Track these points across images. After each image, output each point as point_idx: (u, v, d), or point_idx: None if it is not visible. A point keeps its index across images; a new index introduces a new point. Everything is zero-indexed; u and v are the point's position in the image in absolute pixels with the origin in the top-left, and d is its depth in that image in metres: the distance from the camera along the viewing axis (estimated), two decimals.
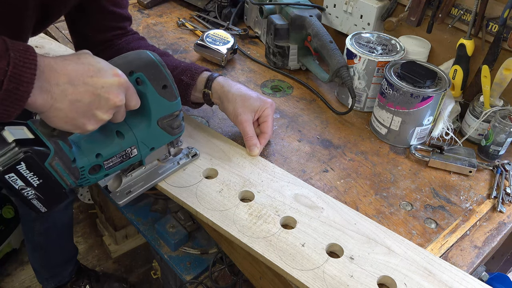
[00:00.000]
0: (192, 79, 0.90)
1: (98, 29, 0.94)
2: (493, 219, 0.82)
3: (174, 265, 1.34)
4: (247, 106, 0.86)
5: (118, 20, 0.95)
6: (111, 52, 0.96)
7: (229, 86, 0.88)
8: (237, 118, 0.87)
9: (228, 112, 0.89)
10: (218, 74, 0.91)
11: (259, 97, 0.88)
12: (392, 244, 0.71)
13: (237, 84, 0.89)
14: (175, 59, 0.96)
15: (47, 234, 1.36)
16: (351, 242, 0.71)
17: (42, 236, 1.36)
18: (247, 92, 0.88)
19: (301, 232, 0.72)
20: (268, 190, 0.79)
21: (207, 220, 0.74)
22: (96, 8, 0.90)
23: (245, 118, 0.86)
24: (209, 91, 0.90)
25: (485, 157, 0.94)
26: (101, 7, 0.91)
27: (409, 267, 0.68)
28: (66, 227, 1.40)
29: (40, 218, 1.31)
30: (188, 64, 0.93)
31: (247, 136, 0.87)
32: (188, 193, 0.79)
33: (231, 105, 0.87)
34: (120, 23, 0.96)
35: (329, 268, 0.67)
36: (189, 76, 0.90)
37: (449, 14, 0.99)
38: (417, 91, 0.87)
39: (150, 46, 0.99)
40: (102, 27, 0.94)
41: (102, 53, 0.96)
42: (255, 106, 0.87)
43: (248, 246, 0.70)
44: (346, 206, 0.77)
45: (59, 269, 1.47)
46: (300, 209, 0.76)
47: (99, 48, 0.96)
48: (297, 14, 1.10)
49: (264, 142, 0.89)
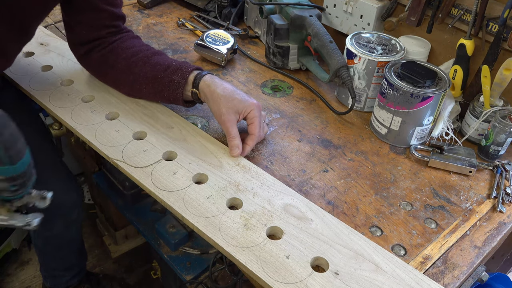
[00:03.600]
0: (182, 78, 0.90)
1: (91, 27, 0.94)
2: (493, 219, 0.82)
3: (174, 265, 1.34)
4: (231, 107, 0.86)
5: (112, 19, 0.96)
6: (104, 51, 0.96)
7: (215, 86, 0.88)
8: (221, 118, 0.86)
9: (213, 111, 0.89)
10: (206, 73, 0.91)
11: (245, 98, 0.87)
12: (380, 261, 0.69)
13: (224, 84, 0.89)
14: (168, 58, 0.96)
15: (46, 242, 1.35)
16: (338, 256, 0.69)
17: (41, 241, 1.36)
18: (232, 92, 0.87)
19: (287, 243, 0.70)
20: (257, 199, 0.78)
21: (192, 226, 0.73)
22: (89, 7, 0.91)
23: (228, 118, 0.86)
24: (196, 90, 0.90)
25: (485, 157, 0.94)
26: (93, 6, 0.91)
27: (396, 286, 0.66)
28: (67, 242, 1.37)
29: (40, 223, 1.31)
30: (180, 63, 0.93)
31: (229, 137, 0.86)
32: (176, 197, 0.77)
33: (215, 105, 0.87)
34: (113, 21, 0.96)
35: (312, 282, 0.65)
36: (180, 75, 0.90)
37: (449, 14, 0.99)
38: (417, 91, 0.87)
39: (144, 45, 0.99)
40: (95, 25, 0.94)
41: (95, 51, 0.97)
42: (239, 107, 0.86)
43: (231, 255, 0.69)
44: (336, 219, 0.75)
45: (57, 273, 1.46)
46: (289, 219, 0.75)
47: (92, 46, 0.96)
48: (297, 14, 1.10)
49: (251, 144, 0.88)
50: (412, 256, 0.73)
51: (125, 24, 1.03)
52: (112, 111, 0.96)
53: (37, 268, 1.75)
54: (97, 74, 1.02)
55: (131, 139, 0.89)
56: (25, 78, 1.04)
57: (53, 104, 0.97)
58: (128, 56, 0.95)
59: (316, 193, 0.83)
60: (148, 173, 0.82)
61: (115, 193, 1.55)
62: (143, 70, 0.93)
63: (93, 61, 0.99)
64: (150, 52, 0.95)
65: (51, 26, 1.30)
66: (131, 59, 0.94)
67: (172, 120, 0.95)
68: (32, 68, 1.08)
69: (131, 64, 0.94)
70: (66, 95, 1.00)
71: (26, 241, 1.82)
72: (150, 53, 0.95)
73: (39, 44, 1.17)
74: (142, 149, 0.87)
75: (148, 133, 0.91)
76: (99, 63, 0.98)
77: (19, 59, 1.10)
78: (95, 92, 1.01)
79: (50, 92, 1.01)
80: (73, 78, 1.05)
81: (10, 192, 0.69)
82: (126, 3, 1.47)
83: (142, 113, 0.96)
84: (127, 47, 0.96)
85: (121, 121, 0.94)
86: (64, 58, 1.12)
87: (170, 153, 0.87)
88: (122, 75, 0.96)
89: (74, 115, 0.95)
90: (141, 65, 0.93)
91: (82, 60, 1.01)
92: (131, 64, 0.94)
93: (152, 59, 0.94)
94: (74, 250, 1.44)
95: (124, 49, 0.95)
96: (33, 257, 1.79)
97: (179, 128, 0.93)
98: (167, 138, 0.90)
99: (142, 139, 0.90)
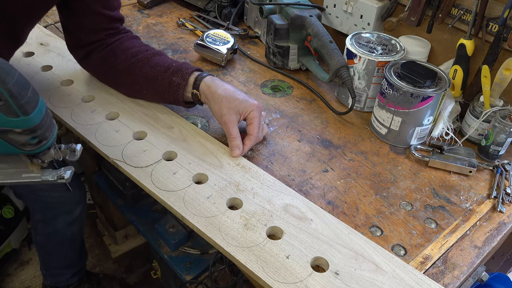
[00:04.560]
0: (183, 79, 0.90)
1: (89, 30, 0.94)
2: (493, 219, 0.82)
3: (174, 265, 1.34)
4: (232, 108, 0.86)
5: (109, 22, 0.96)
6: (104, 52, 0.96)
7: (216, 87, 0.88)
8: (222, 118, 0.87)
9: (214, 112, 0.89)
10: (207, 74, 0.91)
11: (246, 98, 0.88)
12: (380, 261, 0.69)
13: (225, 85, 0.89)
14: (169, 58, 0.96)
15: (47, 239, 1.35)
16: (338, 256, 0.69)
17: (43, 238, 1.36)
18: (233, 93, 0.87)
19: (287, 243, 0.71)
20: (257, 199, 0.78)
21: (192, 226, 0.74)
22: (86, 11, 0.91)
23: (229, 119, 0.86)
24: (197, 91, 0.90)
25: (485, 157, 0.94)
26: (90, 10, 0.91)
27: (396, 286, 0.66)
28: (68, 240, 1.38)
29: (41, 221, 1.31)
30: (180, 64, 0.93)
31: (230, 137, 0.86)
32: (176, 197, 0.77)
33: (216, 105, 0.87)
34: (110, 24, 0.96)
35: (312, 282, 0.65)
36: (180, 76, 0.90)
37: (449, 14, 0.99)
38: (417, 91, 0.87)
39: (144, 45, 0.99)
40: (93, 29, 0.94)
41: (94, 53, 0.97)
42: (240, 107, 0.86)
43: (231, 255, 0.69)
44: (336, 219, 0.75)
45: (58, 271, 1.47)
46: (289, 219, 0.75)
47: (91, 48, 0.96)
48: (297, 14, 1.10)
49: (249, 144, 0.88)
50: (412, 256, 0.73)
51: (125, 24, 1.03)
52: (112, 111, 0.96)
53: (37, 268, 1.75)
54: (97, 75, 1.02)
55: (131, 139, 0.89)
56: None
57: (53, 104, 0.97)
58: (128, 57, 0.95)
59: (316, 193, 0.83)
60: (148, 173, 0.82)
61: (115, 193, 1.55)
62: (143, 71, 0.93)
63: (93, 63, 0.99)
64: (150, 52, 0.95)
65: (51, 26, 1.30)
66: (131, 60, 0.94)
67: (172, 120, 0.95)
68: (32, 68, 1.08)
69: (131, 65, 0.94)
70: (66, 95, 1.00)
71: (26, 241, 1.82)
72: (150, 53, 0.95)
73: (39, 44, 1.17)
74: (142, 149, 0.87)
75: (148, 133, 0.91)
76: (99, 64, 0.98)
77: (19, 59, 1.10)
78: (95, 92, 1.01)
79: (50, 92, 1.01)
80: (73, 78, 1.05)
81: (32, 146, 0.66)
82: (126, 3, 1.47)
83: (142, 113, 0.96)
84: (126, 48, 0.96)
85: (121, 121, 0.94)
86: (64, 58, 1.12)
87: (170, 153, 0.87)
88: (122, 76, 0.96)
89: (74, 115, 0.95)
90: (141, 66, 0.93)
91: (83, 63, 1.01)
92: (130, 65, 0.94)
93: (152, 60, 0.94)
94: (75, 248, 1.45)
95: (124, 50, 0.95)
96: (33, 257, 1.79)
97: (179, 128, 0.93)
98: (167, 138, 0.90)
99: (142, 139, 0.90)
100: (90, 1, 0.90)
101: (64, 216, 1.30)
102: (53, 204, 1.26)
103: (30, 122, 0.63)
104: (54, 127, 0.69)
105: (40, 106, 0.64)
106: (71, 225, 1.34)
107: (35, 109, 0.63)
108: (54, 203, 1.26)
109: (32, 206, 1.32)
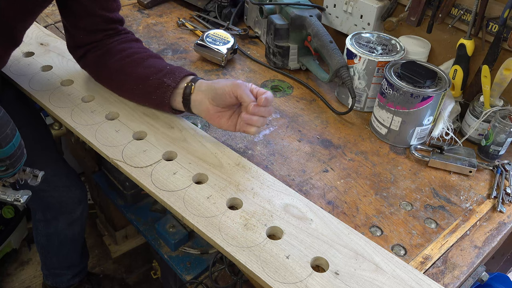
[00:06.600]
0: (174, 81, 0.88)
1: (88, 31, 0.94)
2: (493, 219, 0.82)
3: (174, 265, 1.34)
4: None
5: (108, 23, 0.95)
6: (100, 52, 0.96)
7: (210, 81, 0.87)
8: (233, 84, 0.82)
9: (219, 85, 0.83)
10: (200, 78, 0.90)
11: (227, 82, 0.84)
12: (380, 261, 0.69)
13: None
14: (164, 62, 0.94)
15: (48, 239, 1.36)
16: (338, 256, 0.69)
17: (44, 238, 1.36)
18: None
19: (287, 243, 0.70)
20: (257, 199, 0.78)
21: (192, 226, 0.73)
22: (85, 12, 0.91)
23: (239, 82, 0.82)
24: (192, 84, 0.87)
25: (485, 157, 0.94)
26: (89, 11, 0.91)
27: (396, 286, 0.66)
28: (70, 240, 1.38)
29: (42, 221, 1.31)
30: (174, 67, 0.92)
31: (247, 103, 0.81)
32: (176, 197, 0.77)
33: (218, 84, 0.84)
34: (109, 25, 0.96)
35: (312, 282, 0.65)
36: (172, 78, 0.89)
37: (449, 14, 0.99)
38: (417, 91, 0.87)
39: (142, 47, 0.98)
40: (92, 30, 0.94)
41: (91, 52, 0.97)
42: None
43: (231, 255, 0.68)
44: (336, 219, 0.75)
45: (59, 271, 1.47)
46: (289, 219, 0.74)
47: (89, 48, 0.96)
48: (297, 14, 1.10)
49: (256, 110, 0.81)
50: (412, 256, 0.73)
51: (125, 24, 1.03)
52: (112, 111, 0.96)
53: (37, 268, 1.75)
54: (93, 74, 1.02)
55: (131, 139, 0.89)
56: (25, 78, 1.04)
57: (53, 104, 0.97)
58: (123, 57, 0.93)
59: (316, 193, 0.83)
60: (148, 173, 0.82)
61: (115, 193, 1.55)
62: (135, 70, 0.92)
63: (89, 62, 0.98)
64: (146, 54, 0.94)
65: (51, 26, 1.30)
66: (125, 60, 0.93)
67: (172, 120, 0.95)
68: (32, 68, 1.08)
69: (125, 64, 0.93)
70: (66, 95, 1.00)
71: (26, 241, 1.82)
72: (146, 55, 0.94)
73: (39, 44, 1.17)
74: (142, 149, 0.87)
75: (148, 133, 0.91)
76: (94, 63, 0.97)
77: (19, 59, 1.10)
78: (95, 92, 1.01)
79: (50, 92, 1.01)
80: (73, 78, 1.05)
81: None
82: (126, 3, 1.47)
83: (142, 113, 0.96)
84: (123, 49, 0.95)
85: (121, 121, 0.94)
86: (64, 58, 1.12)
87: (170, 153, 0.87)
88: (114, 74, 0.94)
89: (74, 115, 0.95)
90: (134, 65, 0.92)
91: (81, 62, 1.01)
92: (124, 65, 0.93)
93: (147, 61, 0.93)
94: (77, 249, 1.45)
95: (120, 50, 0.94)
96: (33, 257, 1.79)
97: (179, 128, 0.93)
98: (167, 138, 0.90)
99: (142, 139, 0.89)
100: (88, 2, 0.90)
101: (65, 216, 1.30)
102: (54, 204, 1.26)
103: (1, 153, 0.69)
104: (24, 157, 0.75)
105: (14, 141, 0.70)
106: (72, 225, 1.34)
107: (10, 143, 0.69)
108: (54, 203, 1.26)
109: (33, 206, 1.32)
